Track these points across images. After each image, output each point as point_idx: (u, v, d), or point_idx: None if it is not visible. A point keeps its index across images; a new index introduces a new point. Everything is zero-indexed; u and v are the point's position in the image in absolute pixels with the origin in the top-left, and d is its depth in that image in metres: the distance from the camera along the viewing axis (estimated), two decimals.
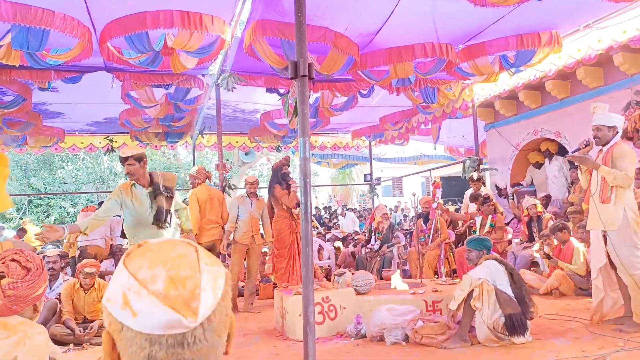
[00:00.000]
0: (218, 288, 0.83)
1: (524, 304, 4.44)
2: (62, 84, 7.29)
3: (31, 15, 4.79)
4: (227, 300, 0.85)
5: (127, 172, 4.42)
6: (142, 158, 4.43)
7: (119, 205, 4.45)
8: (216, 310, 0.81)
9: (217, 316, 0.81)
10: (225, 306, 0.84)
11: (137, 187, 4.48)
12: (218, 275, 0.84)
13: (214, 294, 0.81)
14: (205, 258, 0.85)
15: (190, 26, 5.16)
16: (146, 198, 4.47)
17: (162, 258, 0.82)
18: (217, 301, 0.81)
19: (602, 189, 4.60)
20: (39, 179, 21.66)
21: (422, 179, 26.97)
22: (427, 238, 7.94)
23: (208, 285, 0.81)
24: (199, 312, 0.78)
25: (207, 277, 0.81)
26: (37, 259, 2.31)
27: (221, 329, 0.83)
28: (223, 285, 0.84)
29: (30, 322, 2.12)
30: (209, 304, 0.79)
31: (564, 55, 7.30)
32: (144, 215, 4.45)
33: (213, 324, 0.81)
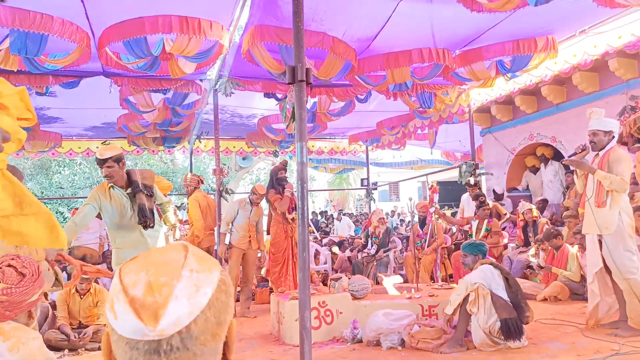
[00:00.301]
0: (202, 295, 0.81)
1: (520, 308, 4.46)
2: (60, 89, 7.29)
3: (30, 20, 4.81)
4: (217, 308, 0.83)
5: (106, 174, 4.19)
6: (121, 159, 4.24)
7: (97, 210, 4.24)
8: (198, 318, 0.80)
9: (199, 325, 0.80)
10: (213, 315, 0.82)
11: (115, 189, 4.29)
12: (204, 283, 0.82)
13: (193, 302, 0.80)
14: (193, 264, 0.83)
15: (188, 31, 5.18)
16: (126, 200, 4.28)
17: (149, 263, 0.83)
18: (198, 309, 0.80)
19: (597, 194, 4.63)
20: (35, 183, 21.60)
21: (419, 183, 27.04)
22: (423, 243, 7.95)
23: (184, 293, 0.79)
24: (161, 321, 0.77)
25: (185, 285, 0.80)
26: (34, 266, 2.31)
27: (206, 338, 0.81)
28: (211, 293, 0.82)
29: (25, 328, 2.11)
30: (179, 313, 0.78)
31: (559, 61, 7.35)
32: (124, 218, 4.27)
33: (193, 332, 0.79)
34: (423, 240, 7.94)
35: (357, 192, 25.82)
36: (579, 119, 8.15)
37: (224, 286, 0.85)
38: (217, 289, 0.83)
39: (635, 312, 4.48)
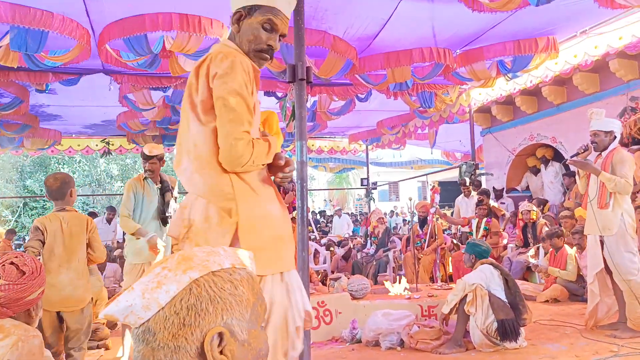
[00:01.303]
0: (163, 293, 0.82)
1: (518, 310, 4.44)
2: (60, 86, 7.28)
3: (30, 16, 4.80)
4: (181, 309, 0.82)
5: (149, 169, 4.59)
6: (162, 158, 4.68)
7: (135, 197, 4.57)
8: (157, 315, 0.82)
9: (157, 321, 0.82)
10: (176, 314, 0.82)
11: (149, 182, 4.63)
12: (169, 281, 0.83)
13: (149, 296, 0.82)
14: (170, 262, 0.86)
15: (189, 29, 5.17)
16: (155, 193, 4.63)
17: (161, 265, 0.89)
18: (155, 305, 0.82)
19: (600, 195, 4.62)
20: (34, 181, 21.61)
21: (419, 183, 27.03)
22: (423, 243, 7.95)
23: (141, 286, 0.83)
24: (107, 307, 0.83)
25: (148, 279, 0.83)
26: (35, 264, 2.31)
27: (164, 336, 0.82)
28: (175, 292, 0.82)
29: (25, 326, 2.11)
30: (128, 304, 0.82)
31: (560, 61, 7.34)
32: (150, 209, 4.55)
33: (151, 327, 0.82)
34: (423, 240, 7.93)
35: (357, 191, 25.84)
36: (580, 119, 8.15)
37: (197, 289, 0.83)
38: (185, 290, 0.83)
39: (635, 314, 4.47)
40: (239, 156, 1.92)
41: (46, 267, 3.34)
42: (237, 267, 0.90)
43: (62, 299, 3.39)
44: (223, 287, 0.86)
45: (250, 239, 1.95)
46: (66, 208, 3.64)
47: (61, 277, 3.42)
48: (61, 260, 3.45)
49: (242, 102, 1.95)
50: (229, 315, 0.85)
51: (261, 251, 1.90)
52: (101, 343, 5.27)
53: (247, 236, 1.95)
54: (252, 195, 2.01)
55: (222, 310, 0.85)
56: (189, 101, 2.05)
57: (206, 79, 1.99)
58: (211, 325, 0.83)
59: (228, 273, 0.88)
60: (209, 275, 0.85)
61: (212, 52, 2.07)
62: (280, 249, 2.09)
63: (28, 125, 9.00)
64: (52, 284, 3.29)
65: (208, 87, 1.99)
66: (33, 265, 2.29)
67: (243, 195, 1.99)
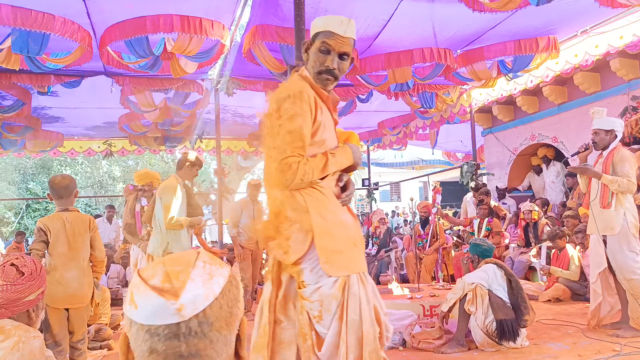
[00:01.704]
0: (215, 284, 0.85)
1: (519, 311, 4.44)
2: (62, 88, 7.30)
3: (31, 19, 4.81)
4: (230, 298, 0.87)
5: (196, 175, 5.07)
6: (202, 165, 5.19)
7: None
8: (213, 304, 0.84)
9: (214, 311, 0.84)
10: (226, 303, 0.86)
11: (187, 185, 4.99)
12: (217, 273, 0.87)
13: (207, 286, 0.84)
14: (205, 258, 0.89)
15: (190, 31, 5.18)
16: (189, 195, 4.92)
17: (165, 260, 0.89)
18: (212, 295, 0.84)
19: (602, 195, 4.61)
20: (37, 183, 21.64)
21: (420, 184, 27.00)
22: (424, 243, 7.95)
23: (199, 277, 0.84)
24: (181, 296, 0.81)
25: (200, 271, 0.85)
26: (35, 265, 2.31)
27: (221, 325, 0.85)
28: (223, 283, 0.87)
29: (26, 327, 2.12)
30: (196, 293, 0.82)
31: (561, 61, 7.33)
32: (183, 208, 4.75)
33: (209, 317, 0.83)
34: (425, 240, 7.93)
35: (358, 192, 25.82)
36: (581, 119, 8.15)
37: (234, 281, 0.90)
38: (228, 282, 0.88)
39: (637, 313, 4.47)
40: (284, 180, 2.21)
41: (52, 266, 3.52)
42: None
43: (69, 296, 3.53)
44: (239, 283, 0.93)
45: (326, 244, 2.21)
46: (69, 208, 3.72)
47: (67, 275, 3.53)
48: (66, 259, 3.56)
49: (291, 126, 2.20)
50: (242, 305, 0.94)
51: (338, 254, 2.21)
52: (104, 343, 5.28)
53: (323, 241, 2.20)
54: (325, 206, 2.27)
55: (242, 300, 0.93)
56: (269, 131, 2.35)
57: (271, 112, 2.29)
58: (241, 315, 0.91)
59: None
60: (232, 271, 0.92)
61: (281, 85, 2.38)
62: (355, 252, 2.33)
63: (30, 128, 9.02)
64: (59, 282, 3.45)
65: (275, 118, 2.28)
66: (33, 266, 2.30)
67: (316, 207, 2.24)
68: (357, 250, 2.34)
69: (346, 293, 2.20)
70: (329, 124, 2.41)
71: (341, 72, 2.41)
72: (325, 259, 2.20)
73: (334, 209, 2.31)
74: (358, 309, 2.21)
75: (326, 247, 2.20)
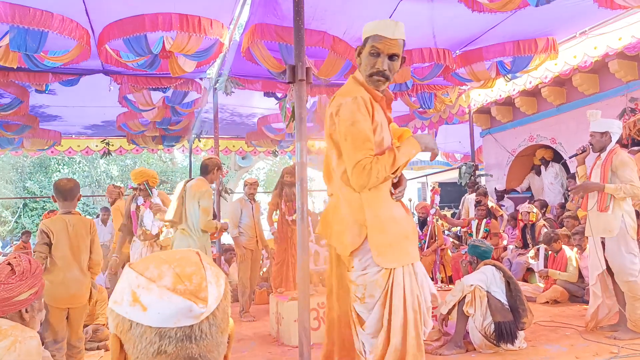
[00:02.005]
0: (220, 285, 0.86)
1: (517, 313, 4.43)
2: (60, 87, 7.27)
3: (30, 16, 4.79)
4: (227, 300, 0.89)
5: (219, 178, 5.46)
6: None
7: None
8: (219, 306, 0.85)
9: (220, 312, 0.85)
10: (226, 305, 0.87)
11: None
12: (220, 275, 0.88)
13: (218, 289, 0.85)
14: (207, 260, 0.89)
15: (188, 29, 5.16)
16: None
17: (166, 259, 0.86)
18: (220, 296, 0.85)
19: (600, 198, 4.61)
20: (34, 182, 21.59)
21: (419, 184, 27.01)
22: (422, 244, 7.94)
23: (213, 280, 0.85)
24: (208, 300, 0.81)
25: (211, 273, 0.86)
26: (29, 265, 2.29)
27: (224, 327, 0.86)
28: (224, 285, 0.87)
29: (22, 327, 2.11)
30: (215, 296, 0.84)
31: (560, 62, 7.34)
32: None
33: (217, 319, 0.84)
34: (423, 241, 7.93)
35: None
36: (579, 120, 8.15)
37: (228, 284, 0.91)
38: (226, 284, 0.89)
39: (635, 315, 4.47)
40: (362, 181, 2.39)
41: (55, 267, 3.64)
42: None
43: (71, 297, 3.66)
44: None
45: (379, 238, 2.44)
46: (72, 211, 3.82)
47: (69, 276, 3.66)
48: (68, 260, 3.68)
49: (355, 131, 2.38)
50: None
51: (389, 247, 2.44)
52: (102, 344, 5.26)
53: (375, 236, 2.43)
54: (379, 202, 2.48)
55: None
56: (328, 133, 2.56)
57: (330, 117, 2.50)
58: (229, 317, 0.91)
59: None
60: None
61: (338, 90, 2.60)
62: (407, 245, 2.53)
63: (28, 126, 8.99)
64: (61, 283, 3.59)
65: (332, 123, 2.50)
66: (27, 266, 2.28)
67: (370, 203, 2.46)
68: (408, 242, 2.53)
69: (391, 281, 2.43)
70: (385, 122, 2.58)
71: (392, 72, 2.57)
72: (378, 253, 2.42)
73: (388, 205, 2.51)
74: (402, 297, 2.43)
75: (378, 242, 2.42)
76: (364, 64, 2.56)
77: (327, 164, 2.65)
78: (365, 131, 2.39)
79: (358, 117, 2.38)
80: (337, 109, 2.45)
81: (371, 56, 2.52)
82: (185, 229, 4.90)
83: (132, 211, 5.90)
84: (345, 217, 2.50)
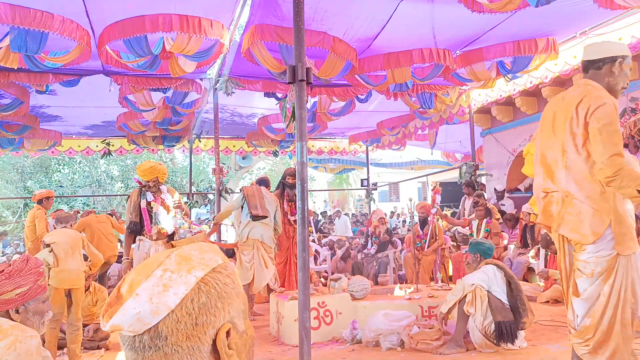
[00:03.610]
0: (169, 296, 0.80)
1: (518, 313, 4.44)
2: (60, 87, 7.28)
3: (30, 17, 4.80)
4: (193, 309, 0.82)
5: None
6: None
7: None
8: (167, 319, 0.80)
9: (167, 325, 0.80)
10: (187, 314, 0.81)
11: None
12: (176, 284, 0.82)
13: (157, 301, 0.80)
14: (170, 264, 0.84)
15: (189, 30, 5.17)
16: None
17: (145, 262, 0.87)
18: (165, 309, 0.80)
19: None
20: (35, 182, 21.59)
21: (419, 184, 27.02)
22: (423, 243, 7.94)
23: (147, 292, 0.80)
24: (112, 318, 0.80)
25: (152, 284, 0.81)
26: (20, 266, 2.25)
27: (178, 339, 0.81)
28: (184, 294, 0.81)
29: (22, 326, 2.10)
30: (136, 311, 0.79)
31: (560, 62, 7.33)
32: None
33: (162, 332, 0.80)
34: (423, 241, 7.93)
35: (357, 192, 25.83)
36: None
37: (205, 287, 0.83)
38: (194, 290, 0.82)
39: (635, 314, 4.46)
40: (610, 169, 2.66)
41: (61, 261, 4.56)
42: (225, 262, 0.90)
43: (72, 279, 4.61)
44: (226, 283, 0.87)
45: (618, 228, 2.79)
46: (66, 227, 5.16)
47: (68, 267, 4.58)
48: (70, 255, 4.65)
49: (612, 130, 2.72)
50: (233, 309, 0.87)
51: (624, 236, 2.80)
52: (102, 343, 5.28)
53: (616, 226, 2.79)
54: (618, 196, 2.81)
55: (228, 305, 0.86)
56: (569, 130, 2.88)
57: (584, 114, 2.79)
58: (221, 322, 0.84)
59: (224, 268, 0.88)
60: (212, 273, 0.85)
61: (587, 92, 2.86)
62: (634, 236, 2.90)
63: (28, 126, 9.00)
64: (66, 270, 4.55)
65: (585, 122, 2.79)
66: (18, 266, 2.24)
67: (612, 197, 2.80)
68: (634, 233, 2.91)
69: (617, 264, 2.79)
70: None
71: None
72: (618, 241, 2.79)
73: (622, 199, 2.84)
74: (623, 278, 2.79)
75: (618, 231, 2.79)
76: (620, 78, 2.94)
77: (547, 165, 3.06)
78: (619, 132, 2.78)
79: (615, 119, 2.75)
80: (596, 107, 2.77)
81: (626, 73, 2.93)
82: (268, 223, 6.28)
83: (143, 208, 5.33)
84: (584, 209, 2.84)
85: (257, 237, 6.20)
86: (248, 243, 6.22)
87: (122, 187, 23.10)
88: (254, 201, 6.31)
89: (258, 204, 6.28)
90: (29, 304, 2.24)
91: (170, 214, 5.33)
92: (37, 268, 2.32)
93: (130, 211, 5.33)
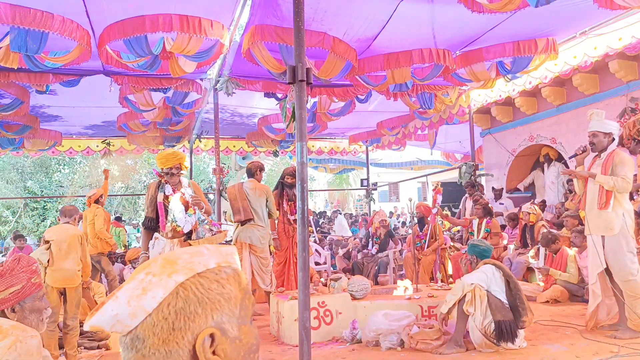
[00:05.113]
0: (147, 299, 0.81)
1: (517, 312, 4.44)
2: (60, 87, 7.29)
3: (30, 17, 4.80)
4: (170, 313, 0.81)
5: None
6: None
7: None
8: (145, 322, 0.81)
9: (144, 328, 0.81)
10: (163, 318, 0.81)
11: None
12: (155, 287, 0.82)
13: (135, 304, 0.81)
14: (154, 267, 0.84)
15: (189, 30, 5.17)
16: None
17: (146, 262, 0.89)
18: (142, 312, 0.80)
19: (600, 196, 4.62)
20: (35, 182, 21.60)
21: (419, 184, 27.02)
22: (423, 243, 7.94)
23: (126, 294, 0.81)
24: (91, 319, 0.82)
25: (132, 287, 0.82)
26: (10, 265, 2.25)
27: (154, 342, 0.81)
28: (161, 297, 0.81)
29: (23, 326, 2.09)
30: (114, 313, 0.81)
31: (560, 62, 7.34)
32: None
33: (139, 334, 0.81)
34: (423, 241, 7.93)
35: (357, 192, 25.82)
36: (579, 120, 8.16)
37: (184, 292, 0.83)
38: (172, 295, 0.82)
39: (635, 314, 4.48)
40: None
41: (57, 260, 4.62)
42: (222, 265, 0.89)
43: (67, 278, 4.64)
44: (210, 288, 0.85)
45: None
46: (69, 222, 4.94)
47: (66, 264, 4.64)
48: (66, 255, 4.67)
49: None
50: (219, 315, 0.85)
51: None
52: (102, 343, 5.28)
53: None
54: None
55: (211, 310, 0.84)
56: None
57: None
58: (202, 327, 0.83)
59: (214, 273, 0.87)
60: (195, 277, 0.84)
61: None
62: None
63: (28, 126, 9.00)
64: (61, 269, 4.60)
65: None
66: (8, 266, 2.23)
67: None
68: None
69: None
70: None
71: None
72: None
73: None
74: None
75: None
76: None
77: None
78: None
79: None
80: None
81: None
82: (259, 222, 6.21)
83: (160, 202, 4.76)
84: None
85: (244, 240, 6.20)
86: (237, 246, 6.21)
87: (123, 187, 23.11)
88: (236, 205, 6.26)
89: (240, 207, 6.21)
90: (25, 302, 2.23)
91: (189, 211, 4.75)
92: (29, 266, 2.30)
93: (147, 205, 4.86)
